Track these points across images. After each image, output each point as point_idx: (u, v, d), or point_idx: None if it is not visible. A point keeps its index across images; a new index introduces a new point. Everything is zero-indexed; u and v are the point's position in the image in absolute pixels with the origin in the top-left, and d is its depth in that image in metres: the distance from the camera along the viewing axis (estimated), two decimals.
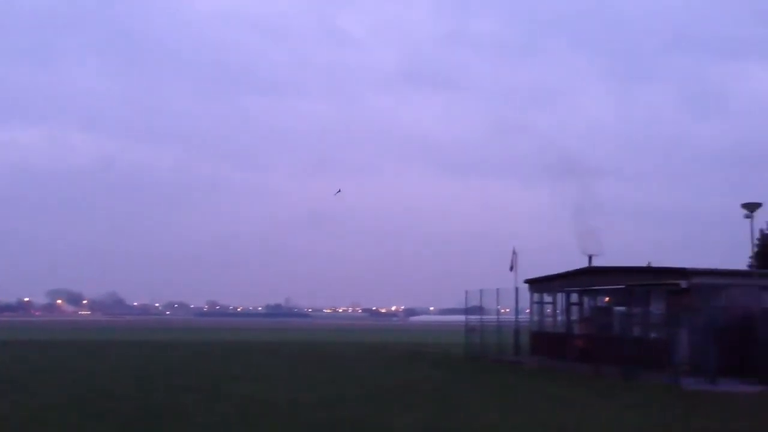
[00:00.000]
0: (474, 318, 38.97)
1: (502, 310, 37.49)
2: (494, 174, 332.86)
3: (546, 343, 34.60)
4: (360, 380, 24.71)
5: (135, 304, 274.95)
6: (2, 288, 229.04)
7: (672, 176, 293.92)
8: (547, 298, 36.56)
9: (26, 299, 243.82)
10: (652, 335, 28.18)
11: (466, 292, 39.04)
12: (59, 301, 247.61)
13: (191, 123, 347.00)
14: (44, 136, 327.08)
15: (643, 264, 32.54)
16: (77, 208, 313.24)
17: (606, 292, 32.31)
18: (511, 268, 37.99)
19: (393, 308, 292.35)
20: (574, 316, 34.44)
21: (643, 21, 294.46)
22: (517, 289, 35.98)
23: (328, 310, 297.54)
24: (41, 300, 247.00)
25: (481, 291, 36.63)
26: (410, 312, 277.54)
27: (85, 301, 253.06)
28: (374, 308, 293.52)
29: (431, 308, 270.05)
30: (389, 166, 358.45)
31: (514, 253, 38.25)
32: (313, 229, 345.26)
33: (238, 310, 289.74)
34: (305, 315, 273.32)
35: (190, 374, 26.05)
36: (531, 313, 37.31)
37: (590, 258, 34.25)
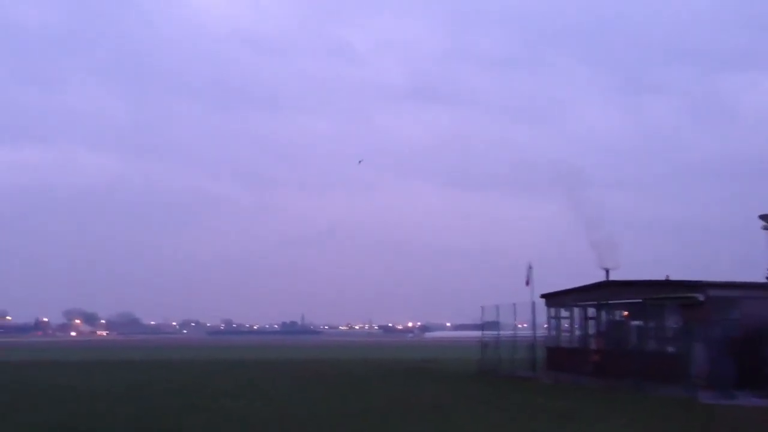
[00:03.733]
0: (490, 333, 38.47)
1: (519, 325, 37.02)
2: (503, 188, 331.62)
3: (561, 358, 34.02)
4: (365, 397, 24.38)
5: (151, 323, 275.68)
6: (19, 308, 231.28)
7: (682, 187, 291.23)
8: (564, 312, 36.01)
9: (44, 319, 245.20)
10: (669, 349, 27.62)
11: (482, 308, 38.61)
12: (76, 321, 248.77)
13: (200, 142, 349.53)
14: (56, 157, 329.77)
15: (661, 277, 31.96)
16: (90, 228, 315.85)
17: (623, 306, 31.75)
18: (527, 283, 37.47)
19: (408, 324, 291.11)
20: (591, 331, 33.87)
21: (648, 32, 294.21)
22: (533, 304, 35.48)
23: (344, 328, 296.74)
24: (58, 320, 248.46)
25: (497, 306, 36.16)
26: (425, 328, 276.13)
27: (102, 321, 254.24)
28: (389, 325, 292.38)
29: (447, 324, 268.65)
30: (398, 182, 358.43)
31: (529, 267, 37.74)
32: (326, 247, 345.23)
33: (254, 328, 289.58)
34: (320, 332, 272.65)
35: (190, 392, 25.77)
36: (548, 327, 36.79)
37: (607, 272, 33.71)
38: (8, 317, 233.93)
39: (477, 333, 43.02)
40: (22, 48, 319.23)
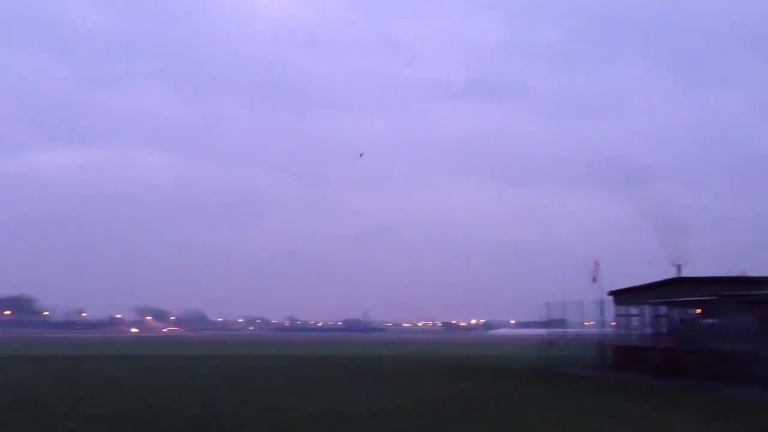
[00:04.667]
0: (556, 331, 37.62)
1: (586, 323, 36.12)
2: (567, 184, 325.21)
3: (630, 356, 32.90)
4: (424, 393, 24.02)
5: (218, 320, 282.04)
6: (95, 305, 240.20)
7: (750, 181, 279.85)
8: (633, 310, 34.92)
9: (117, 316, 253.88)
10: (743, 348, 26.29)
11: (547, 305, 37.74)
12: (148, 318, 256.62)
13: (257, 141, 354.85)
14: (120, 158, 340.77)
15: (736, 274, 30.52)
16: (157, 227, 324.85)
17: (695, 303, 30.47)
18: (594, 280, 36.49)
19: (471, 322, 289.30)
20: (661, 329, 32.69)
21: (710, 21, 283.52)
22: (601, 301, 34.48)
23: (406, 324, 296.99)
24: (131, 317, 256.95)
25: (563, 303, 35.30)
26: (489, 325, 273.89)
27: (172, 318, 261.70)
28: (453, 322, 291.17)
29: (511, 321, 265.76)
30: (456, 179, 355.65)
31: (596, 264, 36.76)
32: (389, 244, 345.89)
33: (318, 325, 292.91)
34: (383, 329, 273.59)
35: (247, 387, 25.88)
36: (616, 325, 35.73)
37: (679, 268, 32.48)
38: (84, 314, 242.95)
39: (542, 330, 42.18)
40: (85, 51, 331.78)
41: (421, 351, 67.72)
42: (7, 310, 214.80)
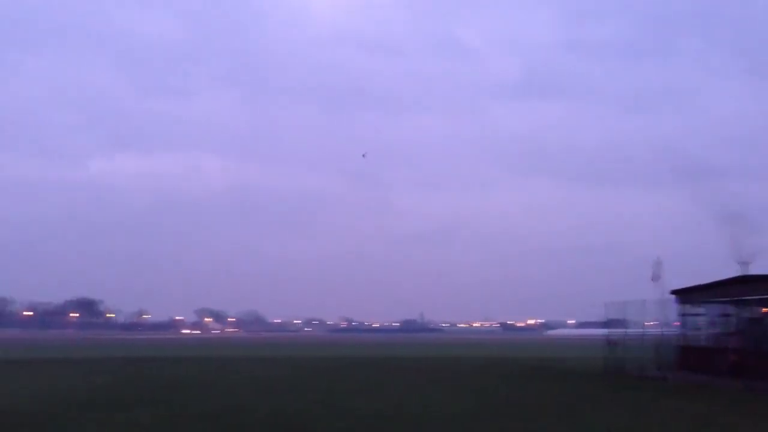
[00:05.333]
0: (616, 331, 37.14)
1: (646, 323, 35.55)
2: (627, 182, 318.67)
3: (694, 357, 32.37)
4: (484, 395, 24.20)
5: (276, 321, 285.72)
6: (156, 307, 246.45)
7: None
8: (697, 309, 34.25)
9: (178, 318, 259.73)
10: None
11: (606, 305, 37.37)
12: (207, 319, 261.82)
13: (317, 143, 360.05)
14: (183, 163, 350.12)
15: None
16: (218, 231, 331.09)
17: (762, 302, 29.85)
18: (655, 279, 35.95)
19: (529, 322, 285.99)
20: (726, 328, 32.05)
21: None
22: (664, 301, 33.97)
23: (463, 325, 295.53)
24: (191, 318, 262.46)
25: (624, 303, 34.92)
26: (547, 326, 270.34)
27: (230, 319, 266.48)
28: (509, 322, 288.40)
29: (570, 321, 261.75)
30: (515, 178, 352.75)
31: (657, 263, 36.19)
32: (445, 245, 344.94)
33: (374, 326, 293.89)
34: (439, 330, 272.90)
35: (314, 389, 26.43)
36: (680, 325, 35.11)
37: (745, 266, 31.81)
38: (146, 315, 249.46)
39: (602, 331, 41.71)
40: (148, 61, 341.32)
41: (481, 352, 67.54)
42: (74, 312, 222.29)
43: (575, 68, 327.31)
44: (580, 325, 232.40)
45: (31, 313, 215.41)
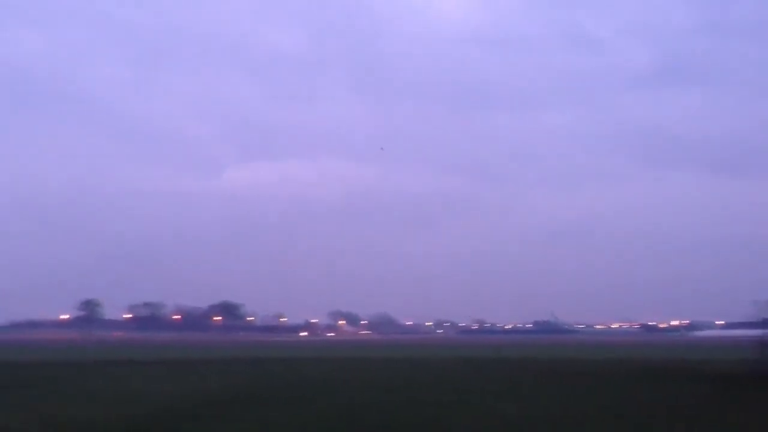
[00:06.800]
0: None
1: None
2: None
3: None
4: (623, 397, 23.14)
5: (407, 323, 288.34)
6: (293, 310, 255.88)
7: None
8: None
9: (313, 320, 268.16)
10: None
11: (757, 303, 34.71)
12: (341, 322, 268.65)
13: (444, 144, 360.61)
14: (314, 168, 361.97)
15: None
16: (349, 234, 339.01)
17: None
18: None
19: (673, 323, 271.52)
20: None
21: None
22: None
23: (600, 326, 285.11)
24: (325, 321, 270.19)
25: None
26: (692, 327, 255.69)
27: (363, 322, 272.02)
28: (651, 323, 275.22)
29: (718, 322, 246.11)
30: (650, 171, 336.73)
31: None
32: (577, 243, 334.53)
33: (506, 327, 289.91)
34: (575, 331, 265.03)
35: (455, 389, 26.22)
36: None
37: None
38: (283, 318, 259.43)
39: (755, 332, 38.69)
40: (276, 70, 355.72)
41: (620, 354, 64.75)
42: (218, 316, 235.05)
43: (713, 53, 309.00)
44: (730, 325, 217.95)
45: (179, 317, 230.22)
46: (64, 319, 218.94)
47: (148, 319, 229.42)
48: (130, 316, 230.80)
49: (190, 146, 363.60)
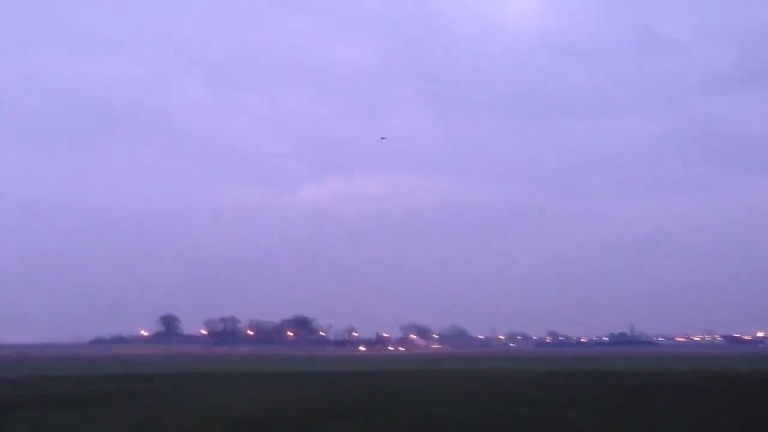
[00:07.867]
0: None
1: None
2: None
3: None
4: (711, 414, 22.89)
5: (479, 336, 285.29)
6: (364, 324, 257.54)
7: None
8: None
9: (384, 334, 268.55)
10: None
11: None
12: (412, 336, 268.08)
13: (514, 154, 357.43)
14: (385, 183, 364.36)
15: None
16: (420, 247, 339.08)
17: None
18: None
19: (758, 335, 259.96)
20: None
21: None
22: None
23: (680, 339, 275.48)
24: (396, 335, 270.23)
25: None
26: None
27: (435, 335, 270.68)
28: (735, 335, 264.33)
29: None
30: (733, 177, 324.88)
31: None
32: (654, 253, 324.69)
33: (581, 340, 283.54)
34: (654, 344, 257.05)
35: (535, 403, 26.51)
36: None
37: None
38: (355, 333, 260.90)
39: None
40: (347, 86, 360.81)
41: (701, 365, 63.01)
42: (291, 330, 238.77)
43: None
44: None
45: (252, 332, 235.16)
46: (144, 335, 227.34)
47: (224, 333, 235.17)
48: (207, 331, 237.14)
49: (266, 163, 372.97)
